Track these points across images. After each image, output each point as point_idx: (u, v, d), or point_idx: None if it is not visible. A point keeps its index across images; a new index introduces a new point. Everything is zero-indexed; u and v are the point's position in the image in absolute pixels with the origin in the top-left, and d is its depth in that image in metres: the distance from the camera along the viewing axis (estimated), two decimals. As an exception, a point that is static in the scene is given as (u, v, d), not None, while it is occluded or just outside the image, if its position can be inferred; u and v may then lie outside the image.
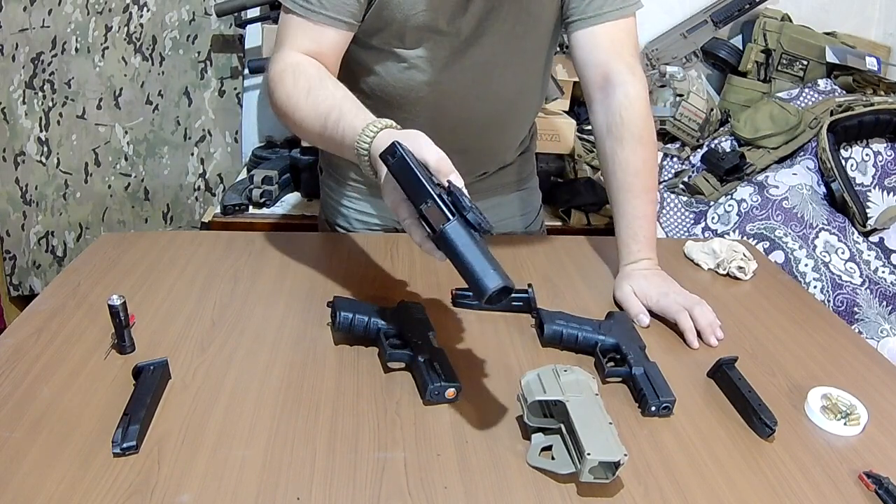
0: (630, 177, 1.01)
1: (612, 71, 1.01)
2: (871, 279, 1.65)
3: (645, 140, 1.01)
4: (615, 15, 1.01)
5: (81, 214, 2.25)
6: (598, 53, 1.02)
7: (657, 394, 0.76)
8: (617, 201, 1.03)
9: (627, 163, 1.01)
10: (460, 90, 1.04)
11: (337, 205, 1.25)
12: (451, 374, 0.77)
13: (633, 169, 1.00)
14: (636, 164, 1.00)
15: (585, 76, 1.05)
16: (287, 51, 0.93)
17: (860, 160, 1.86)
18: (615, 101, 1.01)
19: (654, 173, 1.03)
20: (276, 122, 2.21)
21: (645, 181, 1.01)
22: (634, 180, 1.01)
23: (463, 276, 0.66)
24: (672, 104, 2.05)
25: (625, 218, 1.02)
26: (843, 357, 0.91)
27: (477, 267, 0.65)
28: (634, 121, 1.00)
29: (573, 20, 1.02)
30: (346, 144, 0.80)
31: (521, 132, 1.20)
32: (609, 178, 1.04)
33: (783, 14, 2.14)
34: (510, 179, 1.25)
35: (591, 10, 1.00)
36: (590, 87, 1.04)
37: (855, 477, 0.69)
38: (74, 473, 0.64)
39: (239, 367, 0.81)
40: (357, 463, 0.67)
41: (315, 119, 0.85)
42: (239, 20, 2.03)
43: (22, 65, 2.05)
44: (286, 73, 0.90)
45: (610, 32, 1.01)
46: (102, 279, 0.98)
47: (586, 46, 1.03)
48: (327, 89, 0.87)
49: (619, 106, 1.00)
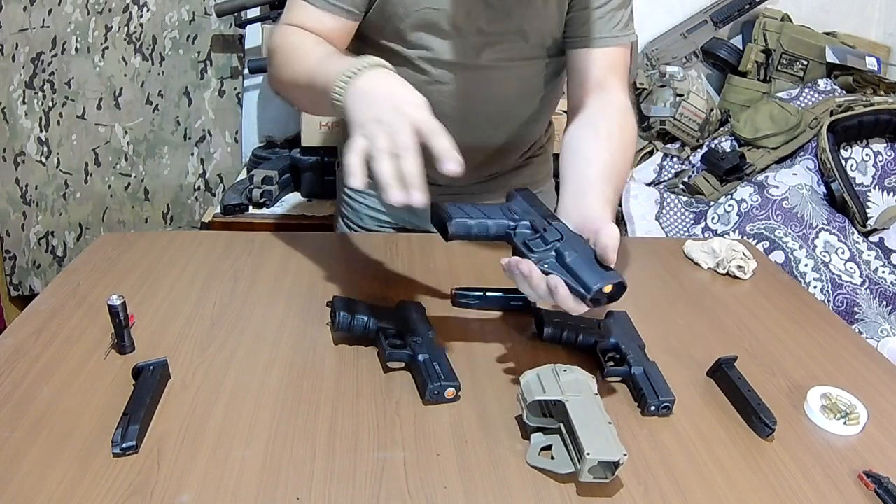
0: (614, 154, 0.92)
1: (611, 85, 1.00)
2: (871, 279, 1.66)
3: (628, 146, 0.96)
4: (615, 42, 1.01)
5: (81, 214, 2.25)
6: (598, 70, 1.01)
7: (657, 393, 0.76)
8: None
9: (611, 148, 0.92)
10: (463, 90, 1.04)
11: (350, 200, 1.25)
12: (451, 373, 0.77)
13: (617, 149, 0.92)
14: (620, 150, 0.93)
15: (580, 84, 1.02)
16: (287, 25, 0.95)
17: (860, 160, 1.86)
18: (611, 104, 0.98)
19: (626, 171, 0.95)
20: (276, 122, 2.21)
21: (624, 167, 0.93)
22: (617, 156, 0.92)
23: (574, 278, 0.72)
24: (672, 104, 2.06)
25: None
26: (843, 357, 0.91)
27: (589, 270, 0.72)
28: (630, 125, 0.98)
29: (576, 38, 1.02)
30: (328, 86, 0.78)
31: (529, 134, 1.20)
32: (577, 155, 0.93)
33: (783, 14, 2.15)
34: (524, 181, 1.24)
35: (588, 31, 1.00)
36: (585, 89, 1.02)
37: (854, 476, 0.69)
38: (74, 473, 0.64)
39: (239, 367, 0.81)
40: (357, 463, 0.67)
41: (305, 70, 0.86)
42: (239, 20, 2.03)
43: (22, 65, 2.05)
44: (286, 39, 0.92)
45: (612, 55, 1.01)
46: (102, 279, 0.98)
47: (586, 62, 1.02)
48: (324, 45, 0.89)
49: (615, 107, 0.98)
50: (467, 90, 1.04)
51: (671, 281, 1.08)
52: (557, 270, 0.72)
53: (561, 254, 0.73)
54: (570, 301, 0.70)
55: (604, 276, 0.70)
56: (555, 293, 0.71)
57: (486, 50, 1.01)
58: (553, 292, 0.71)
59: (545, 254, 0.74)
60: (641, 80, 2.12)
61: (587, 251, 0.73)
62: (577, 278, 0.70)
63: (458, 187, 1.20)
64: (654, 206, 1.92)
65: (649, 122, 2.10)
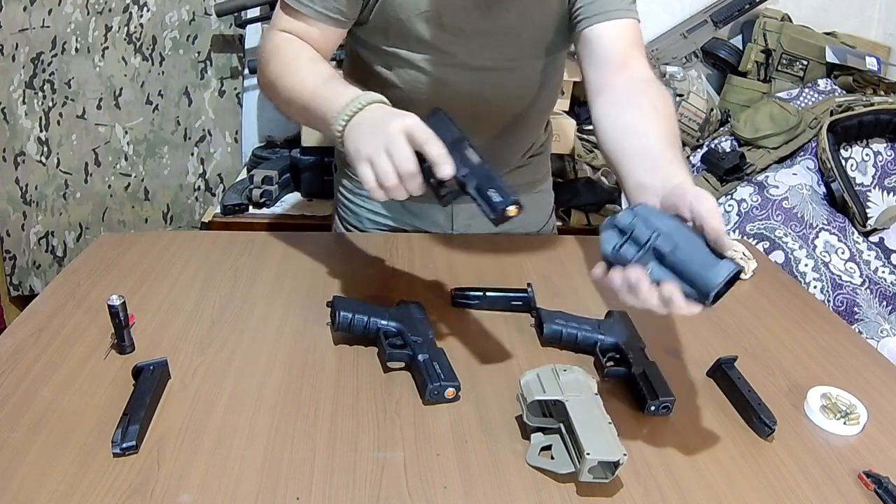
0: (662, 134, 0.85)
1: (634, 62, 0.97)
2: (871, 279, 1.65)
3: (672, 116, 0.90)
4: (627, 14, 0.98)
5: (81, 214, 2.25)
6: (620, 45, 0.97)
7: (657, 393, 0.76)
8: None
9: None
10: (466, 91, 1.04)
11: (349, 202, 1.25)
12: (451, 373, 0.77)
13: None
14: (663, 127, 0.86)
15: (602, 65, 0.97)
16: (280, 31, 0.96)
17: (860, 160, 1.86)
18: (642, 80, 0.94)
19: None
20: (276, 122, 2.21)
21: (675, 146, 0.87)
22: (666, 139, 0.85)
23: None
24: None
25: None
26: (843, 357, 0.91)
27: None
28: (666, 96, 0.92)
29: (588, 16, 0.99)
30: (328, 115, 0.81)
31: (530, 134, 1.20)
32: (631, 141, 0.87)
33: (783, 14, 2.14)
34: (523, 181, 1.24)
35: (599, 7, 0.98)
36: (609, 70, 0.96)
37: (854, 476, 0.69)
38: (74, 473, 0.64)
39: (239, 366, 0.81)
40: (356, 463, 0.67)
41: (302, 91, 0.87)
42: (239, 20, 2.03)
43: (22, 65, 2.05)
44: (279, 47, 0.93)
45: (627, 28, 0.98)
46: (102, 279, 0.98)
47: (604, 39, 0.98)
48: (321, 64, 0.91)
49: (647, 82, 0.93)
50: (470, 90, 1.04)
51: (671, 281, 1.08)
52: (665, 275, 0.62)
53: (661, 252, 0.63)
54: (685, 308, 0.63)
55: (717, 270, 0.60)
56: (670, 304, 0.63)
57: (488, 49, 1.01)
58: (668, 304, 0.63)
59: (647, 257, 0.64)
60: (641, 80, 2.12)
61: (691, 239, 0.63)
62: (691, 281, 0.61)
63: (460, 187, 1.20)
64: (655, 206, 1.92)
65: (649, 122, 2.10)
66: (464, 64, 1.02)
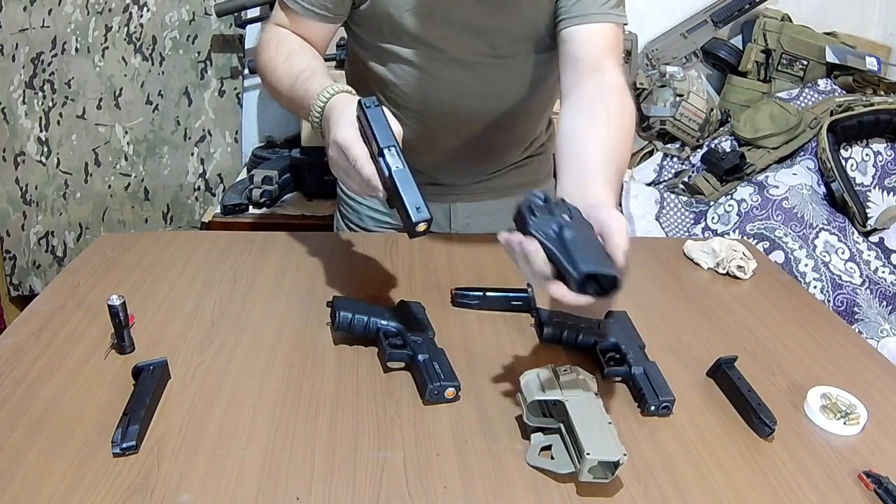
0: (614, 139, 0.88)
1: (606, 66, 0.97)
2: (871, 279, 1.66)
3: (628, 129, 0.93)
4: (606, 18, 0.99)
5: (81, 214, 2.25)
6: (593, 49, 0.98)
7: (657, 393, 0.76)
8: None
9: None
10: (460, 86, 1.04)
11: (350, 200, 1.26)
12: (451, 373, 0.77)
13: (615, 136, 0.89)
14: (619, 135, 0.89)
15: (575, 67, 0.98)
16: (275, 25, 1.03)
17: (860, 160, 1.86)
18: (608, 87, 0.94)
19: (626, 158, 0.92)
20: (276, 122, 2.21)
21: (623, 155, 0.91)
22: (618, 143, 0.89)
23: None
24: (672, 104, 2.06)
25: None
26: (843, 357, 0.91)
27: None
28: (629, 107, 0.94)
29: (568, 17, 1.00)
30: (304, 104, 0.89)
31: (527, 131, 1.20)
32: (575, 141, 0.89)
33: (783, 14, 2.15)
34: (525, 181, 1.24)
35: (581, 9, 0.98)
36: (580, 73, 0.97)
37: (854, 476, 0.69)
38: (74, 473, 0.64)
39: (239, 367, 0.81)
40: (357, 463, 0.67)
41: (287, 79, 0.94)
42: (239, 20, 2.03)
43: (22, 65, 2.05)
44: (272, 40, 1.00)
45: (605, 32, 0.99)
46: (102, 279, 0.98)
47: (579, 41, 0.99)
48: (305, 55, 0.97)
49: (612, 90, 0.94)
50: (464, 87, 1.04)
51: (671, 281, 1.08)
52: (552, 244, 0.66)
53: (562, 230, 0.66)
54: (570, 296, 0.65)
55: (599, 264, 0.64)
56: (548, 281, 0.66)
57: (478, 45, 1.01)
58: (547, 279, 0.66)
59: (546, 224, 0.67)
60: (641, 80, 2.12)
61: (594, 241, 0.67)
62: (569, 258, 0.64)
63: (459, 187, 1.20)
64: (654, 206, 1.92)
65: (649, 123, 2.10)
66: (455, 59, 1.02)
